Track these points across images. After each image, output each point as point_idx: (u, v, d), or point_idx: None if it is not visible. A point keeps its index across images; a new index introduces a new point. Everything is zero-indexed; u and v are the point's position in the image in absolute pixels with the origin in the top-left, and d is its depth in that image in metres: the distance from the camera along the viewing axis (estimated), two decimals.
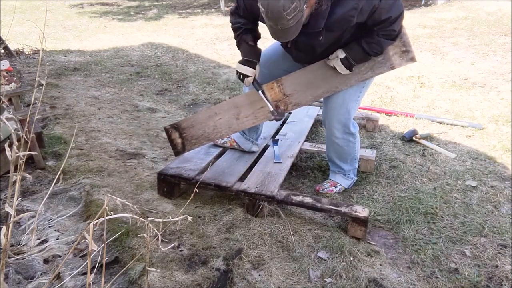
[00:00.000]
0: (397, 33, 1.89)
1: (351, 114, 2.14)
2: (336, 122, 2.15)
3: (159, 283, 1.64)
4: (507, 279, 1.71)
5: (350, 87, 2.08)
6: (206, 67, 4.83)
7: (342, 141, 2.22)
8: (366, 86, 2.16)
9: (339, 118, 2.14)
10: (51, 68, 4.67)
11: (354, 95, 2.11)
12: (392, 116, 3.31)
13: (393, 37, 1.89)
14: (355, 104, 2.13)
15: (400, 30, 1.91)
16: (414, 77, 4.18)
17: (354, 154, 2.30)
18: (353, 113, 2.16)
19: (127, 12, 9.22)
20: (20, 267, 1.70)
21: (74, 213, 2.11)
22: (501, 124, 3.11)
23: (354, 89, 2.10)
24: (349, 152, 2.28)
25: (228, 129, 2.18)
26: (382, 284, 1.68)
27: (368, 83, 2.16)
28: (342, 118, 2.13)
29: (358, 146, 2.31)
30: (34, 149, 2.36)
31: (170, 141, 2.27)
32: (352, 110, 2.14)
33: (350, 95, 2.10)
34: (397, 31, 1.87)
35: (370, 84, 2.18)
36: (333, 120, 2.15)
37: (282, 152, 2.48)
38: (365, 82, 2.12)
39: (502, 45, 5.12)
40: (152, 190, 2.32)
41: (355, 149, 2.28)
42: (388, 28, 1.84)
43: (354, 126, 2.22)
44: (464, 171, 2.51)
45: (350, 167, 2.34)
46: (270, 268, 1.74)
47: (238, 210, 2.12)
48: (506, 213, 2.13)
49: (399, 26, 1.87)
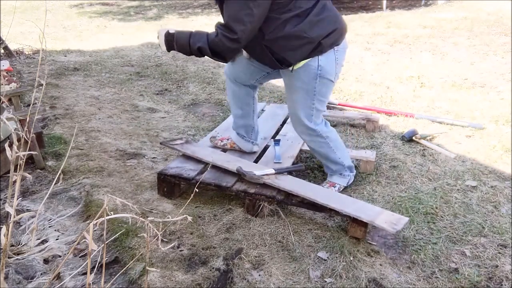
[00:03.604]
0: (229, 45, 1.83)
1: (307, 120, 2.13)
2: (297, 127, 2.22)
3: (159, 283, 1.64)
4: (507, 279, 1.71)
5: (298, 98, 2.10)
6: (206, 67, 4.83)
7: (312, 143, 2.24)
8: (320, 91, 2.07)
9: (295, 121, 2.20)
10: (51, 68, 4.67)
11: (306, 103, 2.10)
12: (392, 116, 3.31)
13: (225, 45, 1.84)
14: (309, 111, 2.12)
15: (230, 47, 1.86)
16: (414, 77, 4.18)
17: (334, 154, 2.26)
18: (308, 118, 2.13)
19: (127, 12, 9.21)
20: (20, 267, 1.70)
21: (74, 213, 2.11)
22: (501, 124, 3.11)
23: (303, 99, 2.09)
24: (326, 152, 2.25)
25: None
26: (382, 284, 1.68)
27: (321, 87, 2.06)
28: (296, 120, 2.18)
29: (337, 146, 2.26)
30: (34, 149, 2.36)
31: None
32: (306, 116, 2.13)
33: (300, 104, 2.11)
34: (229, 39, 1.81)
35: (326, 86, 2.08)
36: (295, 127, 2.24)
37: (282, 153, 2.48)
38: (315, 89, 2.05)
39: (502, 45, 5.12)
40: (152, 190, 2.32)
41: (331, 148, 2.24)
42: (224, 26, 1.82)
43: (316, 124, 2.16)
44: (464, 171, 2.51)
45: (338, 166, 2.31)
46: (270, 268, 1.74)
47: (238, 210, 2.12)
48: (506, 213, 2.13)
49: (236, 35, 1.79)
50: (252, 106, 2.40)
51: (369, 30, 6.26)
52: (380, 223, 1.81)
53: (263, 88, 4.04)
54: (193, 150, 2.41)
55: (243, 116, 2.41)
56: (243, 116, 2.41)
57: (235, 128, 2.47)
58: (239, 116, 2.42)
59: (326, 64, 1.99)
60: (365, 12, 7.98)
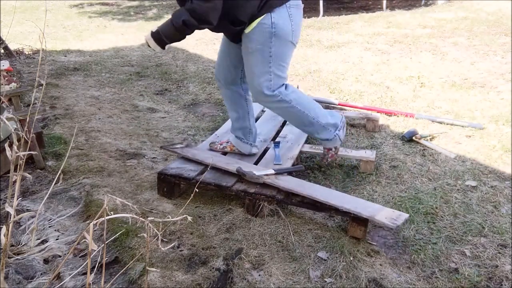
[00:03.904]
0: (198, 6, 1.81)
1: (266, 88, 2.07)
2: (257, 98, 2.15)
3: (159, 283, 1.64)
4: (507, 279, 1.71)
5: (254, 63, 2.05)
6: (206, 67, 4.83)
7: (278, 110, 2.20)
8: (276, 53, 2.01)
9: (253, 92, 2.15)
10: (51, 68, 4.67)
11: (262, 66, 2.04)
12: (392, 116, 3.31)
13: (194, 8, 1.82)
14: (267, 76, 2.05)
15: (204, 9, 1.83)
16: (414, 77, 4.18)
17: (306, 116, 2.15)
18: (266, 85, 2.06)
19: (127, 12, 9.21)
20: (20, 267, 1.70)
21: (74, 213, 2.11)
22: (501, 124, 3.11)
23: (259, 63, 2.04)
24: (297, 116, 2.16)
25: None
26: (382, 284, 1.68)
27: (277, 47, 2.00)
28: (254, 91, 2.13)
29: (305, 106, 2.15)
30: (34, 149, 2.36)
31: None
32: (264, 84, 2.06)
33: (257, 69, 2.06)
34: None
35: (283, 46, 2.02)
36: (255, 98, 2.17)
37: (282, 154, 2.48)
38: (271, 50, 1.99)
39: (502, 45, 5.12)
40: (152, 190, 2.32)
41: (300, 111, 2.14)
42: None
43: (275, 89, 2.08)
44: (464, 171, 2.51)
45: (316, 127, 2.21)
46: (270, 268, 1.74)
47: (238, 210, 2.12)
48: (506, 213, 2.13)
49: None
50: (246, 108, 2.39)
51: (369, 30, 6.26)
52: (380, 218, 1.81)
53: None
54: (194, 153, 2.42)
55: (239, 119, 2.41)
56: (239, 118, 2.41)
57: (232, 131, 2.48)
58: (235, 119, 2.43)
59: (279, 20, 1.95)
60: (365, 12, 7.97)
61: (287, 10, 1.97)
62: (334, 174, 2.51)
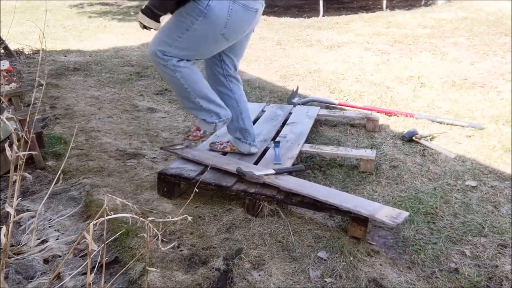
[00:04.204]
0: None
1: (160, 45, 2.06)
2: (149, 48, 2.12)
3: (159, 283, 1.64)
4: (507, 279, 1.71)
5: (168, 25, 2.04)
6: None
7: (163, 74, 2.15)
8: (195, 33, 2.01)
9: (150, 45, 2.12)
10: (51, 68, 4.68)
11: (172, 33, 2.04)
12: (392, 116, 3.31)
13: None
14: (169, 40, 2.04)
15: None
16: (414, 77, 4.19)
17: (188, 93, 2.15)
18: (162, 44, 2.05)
19: (127, 12, 9.21)
20: (20, 267, 1.70)
21: (74, 213, 2.11)
22: (501, 124, 3.11)
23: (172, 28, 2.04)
24: (178, 89, 2.16)
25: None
26: (382, 284, 1.68)
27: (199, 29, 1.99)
28: (151, 44, 2.10)
29: (191, 84, 2.14)
30: (34, 149, 2.36)
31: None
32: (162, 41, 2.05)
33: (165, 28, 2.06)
34: None
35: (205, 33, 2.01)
36: (148, 49, 2.14)
37: (282, 154, 2.48)
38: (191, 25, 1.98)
39: (502, 45, 5.12)
40: (152, 190, 2.32)
41: (183, 86, 2.13)
42: None
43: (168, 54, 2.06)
44: (464, 171, 2.51)
45: (195, 107, 2.21)
46: (270, 268, 1.74)
47: (238, 210, 2.12)
48: (506, 213, 2.13)
49: None
50: (238, 109, 2.39)
51: (369, 30, 6.26)
52: (380, 217, 1.82)
53: (263, 88, 4.04)
54: (194, 154, 2.42)
55: (233, 120, 2.41)
56: (232, 120, 2.41)
57: (229, 132, 2.49)
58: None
59: (216, 6, 1.94)
60: (365, 12, 7.98)
61: (230, 3, 1.95)
62: (334, 174, 2.51)
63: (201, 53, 2.14)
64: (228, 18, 1.98)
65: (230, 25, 2.01)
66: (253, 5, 2.03)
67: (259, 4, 2.08)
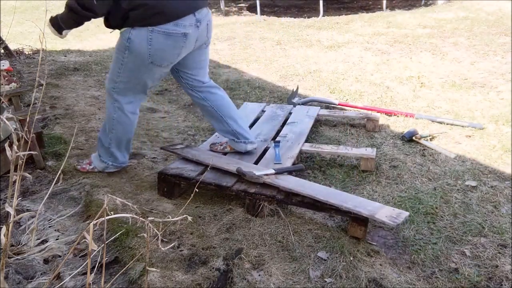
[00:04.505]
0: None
1: (110, 86, 2.20)
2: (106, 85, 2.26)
3: (159, 283, 1.64)
4: (507, 279, 1.71)
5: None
6: None
7: (107, 110, 2.29)
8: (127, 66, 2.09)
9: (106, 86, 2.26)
10: (51, 68, 4.67)
11: (114, 70, 2.15)
12: (392, 116, 3.31)
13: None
14: (115, 78, 2.16)
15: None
16: (414, 77, 4.18)
17: (106, 136, 2.30)
18: (112, 85, 2.18)
19: None
20: (20, 267, 1.70)
21: (74, 213, 2.11)
22: (501, 124, 3.11)
23: (114, 62, 2.14)
24: (107, 126, 2.29)
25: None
26: (382, 284, 1.68)
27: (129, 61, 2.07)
28: (106, 87, 2.24)
29: (116, 132, 2.29)
30: (34, 149, 2.36)
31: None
32: (110, 82, 2.19)
33: (111, 66, 2.17)
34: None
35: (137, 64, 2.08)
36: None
37: (282, 153, 2.48)
38: (123, 60, 2.07)
39: (502, 45, 5.12)
40: (152, 190, 2.32)
41: (106, 128, 2.30)
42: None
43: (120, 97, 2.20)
44: (464, 171, 2.51)
45: (103, 149, 2.36)
46: (270, 268, 1.74)
47: (238, 210, 2.12)
48: (506, 213, 2.13)
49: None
50: (216, 114, 2.40)
51: (369, 30, 6.26)
52: (380, 217, 1.81)
53: (263, 88, 4.04)
54: (194, 154, 2.42)
55: (219, 125, 2.44)
56: (218, 125, 2.44)
57: (222, 135, 2.52)
58: (215, 126, 2.48)
59: (136, 39, 1.98)
60: (365, 12, 7.98)
61: (148, 33, 1.96)
62: (334, 174, 2.51)
63: (144, 82, 2.18)
64: (149, 48, 2.00)
65: (154, 53, 2.02)
66: (177, 30, 1.99)
67: (189, 28, 2.02)
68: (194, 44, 2.14)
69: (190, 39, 2.07)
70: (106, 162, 2.40)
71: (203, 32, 2.15)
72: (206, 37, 2.20)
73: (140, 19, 1.94)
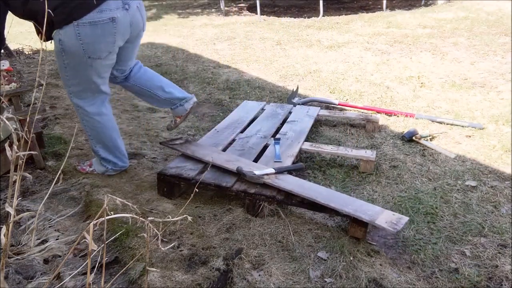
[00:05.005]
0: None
1: (68, 93, 2.24)
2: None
3: (159, 283, 1.64)
4: (507, 279, 1.71)
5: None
6: (206, 67, 4.83)
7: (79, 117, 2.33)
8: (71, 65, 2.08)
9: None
10: (51, 68, 4.67)
11: (62, 76, 2.18)
12: (392, 116, 3.31)
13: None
14: (67, 83, 2.18)
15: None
16: (414, 77, 4.18)
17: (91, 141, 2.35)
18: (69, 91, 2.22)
19: None
20: (20, 267, 1.70)
21: (74, 213, 2.11)
22: (501, 124, 3.11)
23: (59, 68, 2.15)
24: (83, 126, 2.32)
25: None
26: (382, 284, 1.68)
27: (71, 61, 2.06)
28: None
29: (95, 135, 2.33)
30: (34, 149, 2.36)
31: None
32: (67, 89, 2.23)
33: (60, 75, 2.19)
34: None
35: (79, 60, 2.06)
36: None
37: (282, 152, 2.48)
38: (64, 62, 2.07)
39: (502, 45, 5.12)
40: (152, 190, 2.32)
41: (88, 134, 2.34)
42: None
43: (82, 101, 2.23)
44: (464, 171, 2.51)
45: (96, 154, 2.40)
46: (270, 268, 1.74)
47: (238, 210, 2.12)
48: (506, 213, 2.13)
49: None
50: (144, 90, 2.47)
51: (369, 30, 6.26)
52: (380, 223, 1.81)
53: (263, 88, 4.04)
54: (193, 150, 2.42)
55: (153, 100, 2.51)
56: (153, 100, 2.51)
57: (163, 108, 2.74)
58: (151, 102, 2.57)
59: (65, 38, 1.97)
60: (365, 12, 7.98)
61: (74, 29, 1.94)
62: (334, 174, 2.51)
63: (94, 79, 2.17)
64: (81, 43, 1.98)
65: (87, 47, 2.01)
66: (103, 17, 1.95)
67: (116, 11, 1.98)
68: (129, 29, 2.09)
69: (121, 23, 2.02)
70: (106, 166, 2.42)
71: (136, 15, 2.09)
72: (142, 21, 2.16)
73: (64, 18, 1.92)
